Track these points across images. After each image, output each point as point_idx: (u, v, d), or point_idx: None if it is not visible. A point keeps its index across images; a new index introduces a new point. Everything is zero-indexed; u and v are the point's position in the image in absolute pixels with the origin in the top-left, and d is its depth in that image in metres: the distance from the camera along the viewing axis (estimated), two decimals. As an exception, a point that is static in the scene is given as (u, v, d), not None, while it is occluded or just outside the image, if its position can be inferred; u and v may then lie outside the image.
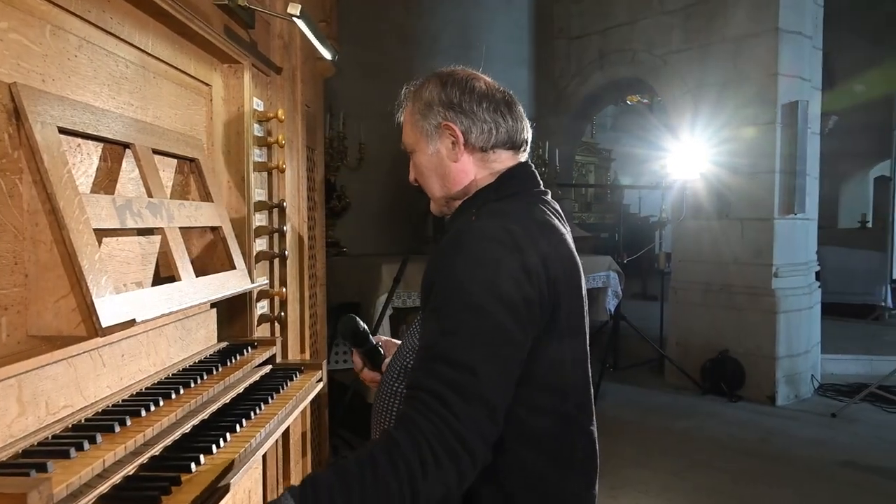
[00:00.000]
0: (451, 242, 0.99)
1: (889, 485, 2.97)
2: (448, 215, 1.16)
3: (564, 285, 1.00)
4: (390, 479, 0.83)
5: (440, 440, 0.85)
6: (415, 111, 1.12)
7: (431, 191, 1.15)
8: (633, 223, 9.09)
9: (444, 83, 1.11)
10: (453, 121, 1.08)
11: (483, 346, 0.90)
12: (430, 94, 1.10)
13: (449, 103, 1.09)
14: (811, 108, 4.31)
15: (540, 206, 1.09)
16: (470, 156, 1.10)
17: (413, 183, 1.19)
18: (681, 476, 3.02)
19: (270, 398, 1.20)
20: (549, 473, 1.02)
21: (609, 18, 5.23)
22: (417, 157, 1.14)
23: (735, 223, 4.38)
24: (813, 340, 4.49)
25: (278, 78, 1.68)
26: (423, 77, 1.15)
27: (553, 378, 1.01)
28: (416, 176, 1.17)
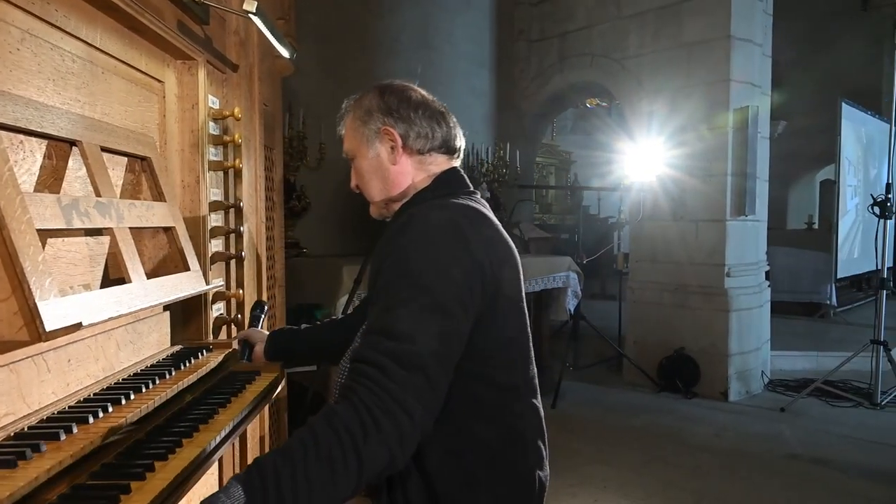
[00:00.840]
0: (399, 228, 1.04)
1: (834, 476, 3.09)
2: (388, 217, 1.24)
3: (504, 267, 1.06)
4: (333, 446, 0.86)
5: (378, 403, 0.88)
6: (355, 119, 1.21)
7: (371, 194, 1.22)
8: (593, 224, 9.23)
9: (382, 93, 1.20)
10: (392, 125, 1.17)
11: (424, 320, 0.94)
12: (369, 103, 1.19)
13: (387, 110, 1.17)
14: (761, 114, 4.46)
15: (474, 201, 1.17)
16: (409, 158, 1.18)
17: (354, 190, 1.25)
18: (638, 472, 3.08)
19: (227, 402, 1.17)
20: (502, 447, 1.07)
21: (568, 22, 5.31)
22: (358, 162, 1.21)
23: (690, 224, 4.50)
24: (763, 338, 4.65)
25: (235, 75, 1.65)
26: (363, 90, 1.24)
27: (498, 354, 1.07)
28: (356, 181, 1.24)
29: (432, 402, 0.93)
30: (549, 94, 5.63)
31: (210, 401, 1.18)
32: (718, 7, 4.29)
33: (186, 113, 1.43)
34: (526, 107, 5.74)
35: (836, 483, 3.00)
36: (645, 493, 2.84)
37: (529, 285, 3.84)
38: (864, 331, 4.22)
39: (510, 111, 5.76)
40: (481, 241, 1.03)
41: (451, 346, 0.97)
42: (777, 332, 4.91)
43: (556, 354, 4.74)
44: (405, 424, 0.89)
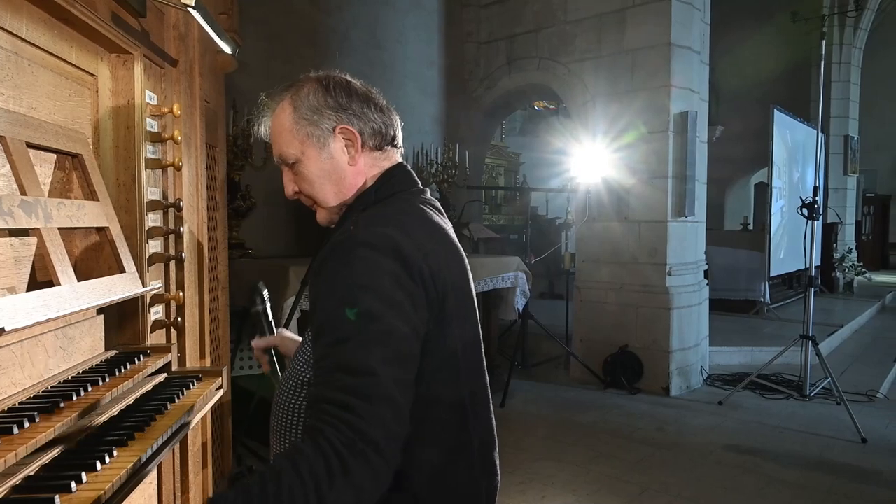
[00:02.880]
0: (333, 249, 0.98)
1: (768, 465, 3.24)
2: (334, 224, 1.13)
3: (449, 276, 1.01)
4: (296, 490, 0.81)
5: (346, 444, 0.84)
6: (297, 118, 1.07)
7: (324, 199, 1.11)
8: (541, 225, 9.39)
9: (325, 87, 1.08)
10: (348, 122, 1.08)
11: (377, 347, 0.90)
12: (314, 100, 1.07)
13: (338, 106, 1.07)
14: (699, 119, 4.64)
15: (419, 204, 1.09)
16: (365, 157, 1.10)
17: (292, 197, 1.13)
18: (585, 467, 3.15)
19: (164, 408, 1.13)
20: (449, 467, 1.03)
21: (516, 25, 5.38)
22: (305, 166, 1.09)
23: (633, 225, 4.64)
24: (702, 334, 4.83)
25: (174, 71, 1.59)
26: (290, 84, 1.10)
27: (445, 369, 1.02)
28: (300, 187, 1.11)
29: (400, 430, 0.91)
30: (498, 95, 5.69)
31: (147, 407, 1.13)
32: (659, 15, 4.43)
33: (121, 108, 1.37)
34: (475, 108, 5.78)
35: (770, 472, 3.15)
36: (591, 488, 2.91)
37: (478, 285, 3.87)
38: (795, 326, 4.45)
39: (460, 112, 5.79)
40: (420, 255, 0.97)
41: (409, 368, 0.94)
42: (715, 329, 5.11)
43: (504, 353, 4.80)
44: (376, 462, 0.86)
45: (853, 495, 2.88)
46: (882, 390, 4.51)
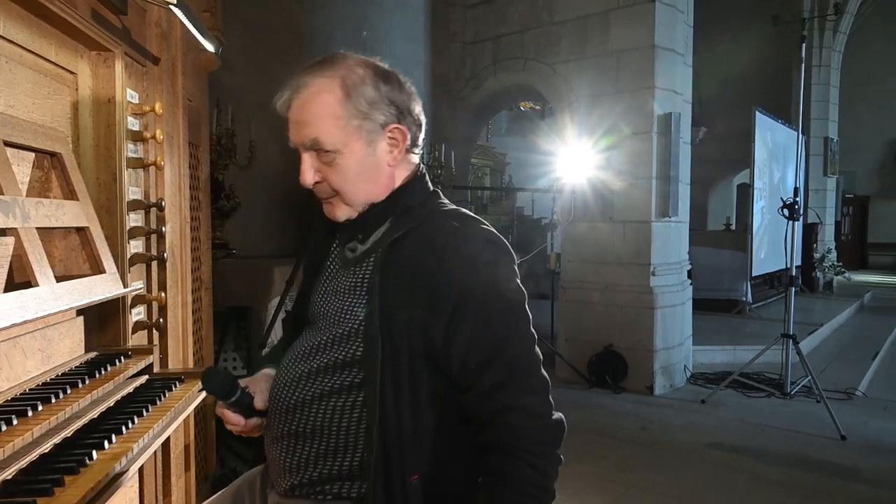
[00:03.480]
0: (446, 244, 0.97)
1: (749, 462, 3.28)
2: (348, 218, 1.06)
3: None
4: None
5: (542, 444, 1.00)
6: (349, 107, 0.97)
7: (354, 196, 1.02)
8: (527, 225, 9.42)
9: (383, 77, 1.01)
10: (402, 123, 1.02)
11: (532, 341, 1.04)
12: (371, 91, 0.99)
13: (392, 102, 1.01)
14: (683, 120, 4.68)
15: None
16: (402, 157, 1.05)
17: (310, 186, 1.02)
18: (569, 466, 3.14)
19: (145, 410, 1.12)
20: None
21: (502, 26, 5.39)
22: (344, 159, 0.99)
23: (618, 225, 4.67)
24: (685, 333, 4.88)
25: (156, 69, 1.57)
26: (331, 62, 1.00)
27: None
28: (327, 178, 1.01)
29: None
30: (484, 96, 5.70)
31: (128, 410, 1.12)
32: (643, 17, 4.46)
33: (102, 107, 1.35)
34: (461, 108, 5.79)
35: (754, 469, 3.19)
36: (576, 487, 2.92)
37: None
38: (776, 325, 4.51)
39: (446, 112, 5.79)
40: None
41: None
42: (698, 328, 5.15)
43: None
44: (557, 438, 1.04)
45: (834, 492, 2.93)
46: (861, 388, 4.59)
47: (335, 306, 1.03)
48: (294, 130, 1.00)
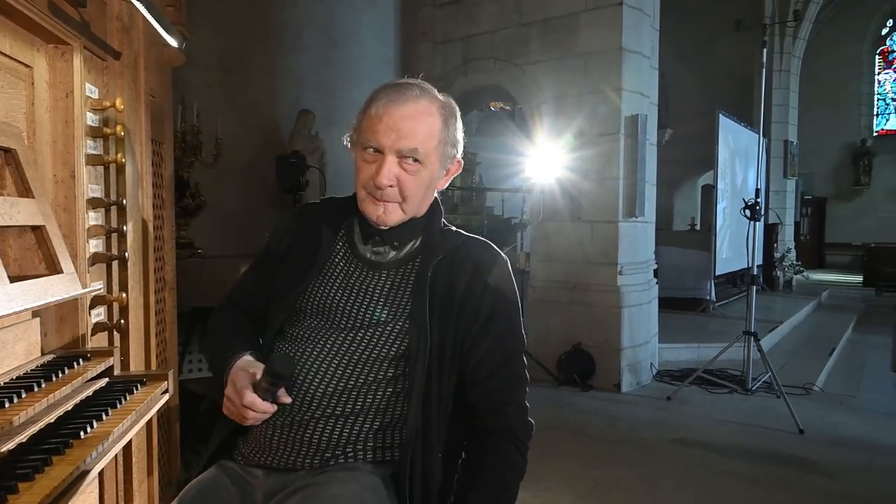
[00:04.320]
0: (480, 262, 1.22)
1: (713, 457, 3.36)
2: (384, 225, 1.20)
3: None
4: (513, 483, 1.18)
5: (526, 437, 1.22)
6: (444, 134, 1.18)
7: (413, 203, 1.19)
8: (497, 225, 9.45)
9: (457, 116, 1.24)
10: (461, 158, 1.27)
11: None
12: (457, 131, 1.22)
13: (460, 139, 1.25)
14: (649, 122, 4.76)
15: None
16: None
17: (387, 184, 1.14)
18: (539, 464, 3.17)
19: (105, 414, 1.09)
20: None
21: (472, 26, 5.40)
22: (423, 170, 1.17)
23: (586, 225, 4.72)
24: (652, 331, 4.97)
25: (117, 63, 1.53)
26: (430, 90, 1.21)
27: None
28: (402, 181, 1.16)
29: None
30: (454, 96, 5.55)
31: (87, 414, 1.09)
32: (611, 20, 4.53)
33: (59, 102, 1.31)
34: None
35: (717, 464, 3.27)
36: (545, 485, 2.95)
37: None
38: (738, 323, 4.62)
39: (416, 112, 5.77)
40: None
41: None
42: (664, 326, 5.25)
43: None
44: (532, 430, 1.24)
45: (793, 484, 3.02)
46: (818, 383, 4.74)
47: (371, 305, 1.17)
48: (389, 135, 1.13)
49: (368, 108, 1.17)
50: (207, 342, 1.37)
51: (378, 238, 1.22)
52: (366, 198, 1.18)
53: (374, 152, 1.15)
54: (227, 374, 1.18)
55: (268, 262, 1.32)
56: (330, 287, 1.21)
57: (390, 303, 1.17)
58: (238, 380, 1.14)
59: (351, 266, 1.23)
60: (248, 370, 1.15)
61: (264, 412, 1.11)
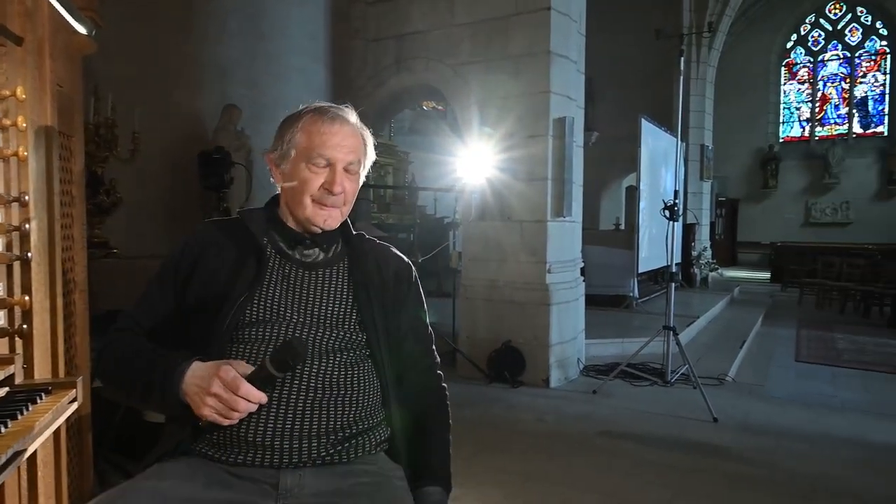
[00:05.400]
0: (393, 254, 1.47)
1: (634, 447, 3.51)
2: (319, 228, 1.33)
3: None
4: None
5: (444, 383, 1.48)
6: (367, 149, 1.37)
7: (348, 207, 1.36)
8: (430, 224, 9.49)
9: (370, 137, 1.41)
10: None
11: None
12: (372, 144, 1.40)
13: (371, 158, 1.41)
14: (576, 124, 4.91)
15: None
16: None
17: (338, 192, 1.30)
18: (469, 461, 3.23)
19: (4, 427, 1.01)
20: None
21: (405, 25, 5.39)
22: (357, 179, 1.36)
23: (516, 225, 4.82)
24: (578, 328, 5.12)
25: (19, 50, 1.43)
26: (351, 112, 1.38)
27: None
28: (347, 191, 1.32)
29: None
30: (386, 94, 5.67)
31: (-17, 427, 1.01)
32: (540, 24, 4.63)
33: (-49, 89, 1.21)
34: (363, 106, 5.71)
35: (638, 453, 3.41)
36: (476, 481, 2.98)
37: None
38: (659, 319, 4.83)
39: (347, 109, 5.70)
40: None
41: None
42: (590, 323, 5.43)
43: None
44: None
45: (707, 470, 3.19)
46: (730, 374, 5.04)
47: (318, 302, 1.29)
48: (340, 149, 1.30)
49: (310, 127, 1.30)
50: (121, 366, 1.27)
51: (308, 242, 1.35)
52: (311, 205, 1.30)
53: (324, 165, 1.29)
54: (181, 378, 1.14)
55: (177, 284, 1.32)
56: (274, 291, 1.29)
57: (335, 298, 1.31)
58: (222, 371, 1.11)
59: (286, 269, 1.32)
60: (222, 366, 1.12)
61: (259, 401, 1.12)
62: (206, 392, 1.11)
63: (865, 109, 15.74)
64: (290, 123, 1.33)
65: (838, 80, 16.06)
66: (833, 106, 16.13)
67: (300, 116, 1.32)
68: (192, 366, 1.16)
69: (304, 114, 1.33)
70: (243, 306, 1.25)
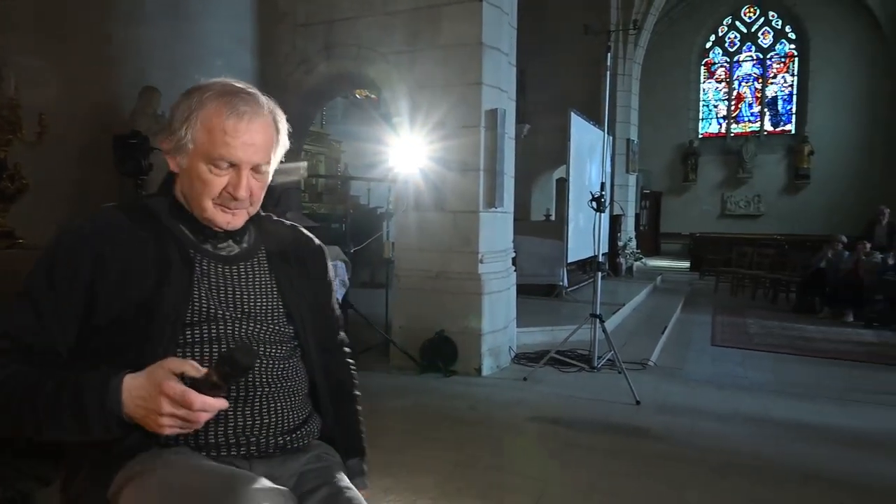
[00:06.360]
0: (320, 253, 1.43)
1: (562, 431, 3.62)
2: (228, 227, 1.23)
3: None
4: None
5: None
6: (278, 137, 1.23)
7: (257, 206, 1.26)
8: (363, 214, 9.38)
9: (283, 119, 1.26)
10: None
11: None
12: (284, 127, 1.25)
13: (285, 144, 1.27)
14: (508, 116, 4.97)
15: None
16: None
17: (244, 197, 1.18)
18: (401, 451, 3.24)
19: None
20: None
21: (335, 10, 5.27)
22: (267, 176, 1.23)
23: (449, 215, 4.84)
24: (510, 317, 5.22)
25: None
26: (261, 96, 1.22)
27: None
28: (256, 191, 1.21)
29: None
30: (316, 81, 5.54)
31: None
32: (472, 15, 4.65)
33: None
34: (291, 92, 5.57)
35: (564, 437, 3.52)
36: (407, 470, 2.99)
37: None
38: (587, 307, 5.00)
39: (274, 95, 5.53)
40: None
41: None
42: (521, 311, 5.54)
43: (324, 344, 4.73)
44: None
45: (629, 450, 3.34)
46: (652, 359, 5.28)
47: (245, 296, 1.22)
48: (245, 150, 1.15)
49: (213, 122, 1.13)
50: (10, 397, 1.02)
51: (222, 235, 1.24)
52: (213, 208, 1.18)
53: (227, 167, 1.15)
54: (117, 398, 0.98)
55: (78, 286, 1.10)
56: (202, 289, 1.18)
57: (261, 291, 1.25)
58: (167, 389, 0.96)
59: (204, 264, 1.20)
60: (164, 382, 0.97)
61: (219, 409, 1.00)
62: (157, 413, 0.97)
63: (776, 108, 16.78)
64: (186, 107, 1.15)
65: (752, 80, 17.03)
66: (747, 104, 17.10)
67: (202, 102, 1.14)
68: (123, 383, 0.99)
69: (205, 100, 1.14)
70: (180, 308, 1.13)
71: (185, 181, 1.19)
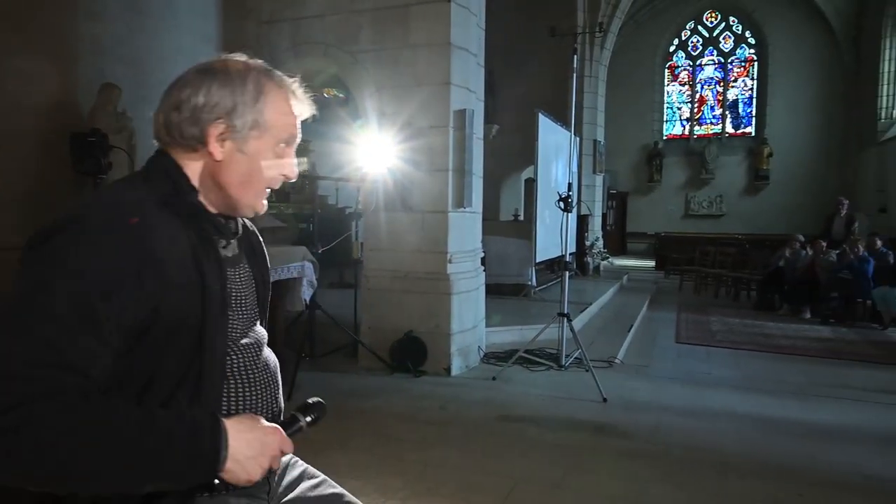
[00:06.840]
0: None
1: (531, 429, 3.64)
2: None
3: None
4: None
5: None
6: None
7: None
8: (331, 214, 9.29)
9: None
10: None
11: None
12: None
13: None
14: (476, 117, 4.98)
15: None
16: None
17: (294, 179, 1.16)
18: (371, 451, 3.22)
19: None
20: None
21: (301, 8, 5.21)
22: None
23: (417, 215, 4.83)
24: (479, 316, 5.23)
25: None
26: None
27: None
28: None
29: None
30: (283, 79, 5.46)
31: None
32: (440, 15, 4.65)
33: None
34: (258, 90, 5.48)
35: (533, 435, 3.54)
36: (376, 471, 2.98)
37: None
38: (555, 306, 5.04)
39: (241, 93, 5.44)
40: None
41: None
42: (490, 311, 5.56)
43: (291, 345, 4.67)
44: None
45: (596, 446, 3.38)
46: (619, 356, 5.36)
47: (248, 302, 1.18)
48: (298, 128, 1.13)
49: (276, 101, 1.06)
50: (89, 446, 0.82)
51: (232, 233, 1.15)
52: (261, 194, 1.10)
53: (283, 147, 1.10)
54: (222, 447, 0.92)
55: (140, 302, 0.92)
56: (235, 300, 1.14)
57: (252, 296, 1.20)
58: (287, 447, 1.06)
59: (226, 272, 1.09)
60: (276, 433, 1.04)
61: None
62: (264, 460, 0.97)
63: (736, 111, 17.23)
64: (242, 89, 1.03)
65: (714, 84, 17.45)
66: (709, 107, 17.52)
67: (260, 84, 1.05)
68: (225, 429, 0.93)
69: (263, 81, 1.06)
70: (222, 327, 1.03)
71: (237, 168, 1.05)
